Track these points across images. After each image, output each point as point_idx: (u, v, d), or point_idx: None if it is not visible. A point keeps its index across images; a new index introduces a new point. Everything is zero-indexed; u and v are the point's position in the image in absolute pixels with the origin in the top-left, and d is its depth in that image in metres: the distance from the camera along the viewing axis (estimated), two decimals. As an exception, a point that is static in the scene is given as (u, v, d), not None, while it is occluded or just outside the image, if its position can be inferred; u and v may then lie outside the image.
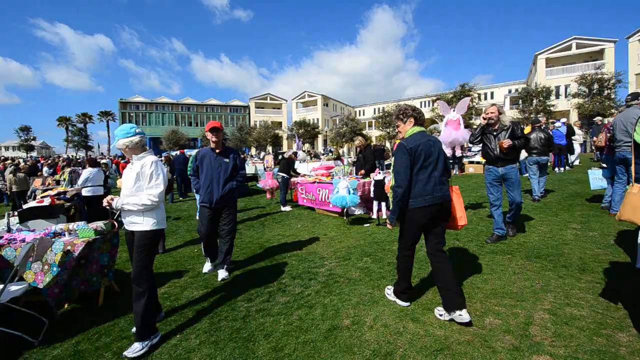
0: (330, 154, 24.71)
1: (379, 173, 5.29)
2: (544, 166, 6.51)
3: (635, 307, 2.40)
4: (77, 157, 35.83)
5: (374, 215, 5.43)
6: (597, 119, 11.98)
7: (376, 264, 3.66)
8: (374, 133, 43.57)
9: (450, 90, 34.49)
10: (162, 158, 11.55)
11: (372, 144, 20.74)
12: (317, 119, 48.16)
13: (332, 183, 6.25)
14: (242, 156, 22.22)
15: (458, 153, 5.41)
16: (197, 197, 5.62)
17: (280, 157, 16.12)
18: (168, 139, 40.89)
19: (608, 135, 5.01)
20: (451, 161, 12.52)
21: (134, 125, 2.50)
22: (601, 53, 31.81)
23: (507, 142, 3.84)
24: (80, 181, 6.12)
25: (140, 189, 2.39)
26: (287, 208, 7.37)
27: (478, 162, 12.70)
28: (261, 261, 4.07)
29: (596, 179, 5.70)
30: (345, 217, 5.87)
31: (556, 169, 10.32)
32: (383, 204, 5.31)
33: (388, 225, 2.67)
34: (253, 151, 39.00)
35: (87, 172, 6.09)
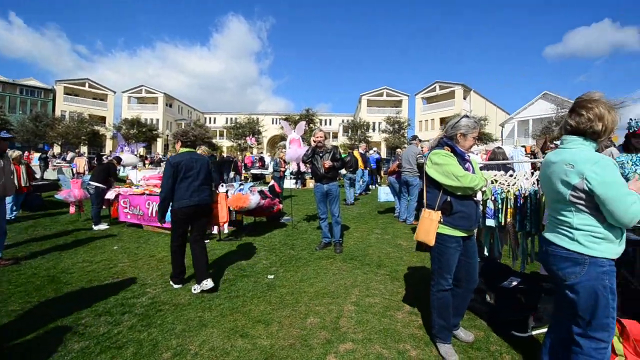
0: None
1: (222, 186, 5.08)
2: (355, 180, 9.31)
3: (408, 289, 3.26)
4: None
5: (215, 231, 5.15)
6: (398, 150, 16.22)
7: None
8: (224, 143, 42.18)
9: (297, 112, 38.34)
10: None
11: (220, 154, 19.95)
12: (157, 120, 42.23)
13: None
14: (43, 156, 16.43)
15: (302, 169, 5.93)
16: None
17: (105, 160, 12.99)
18: None
19: (398, 163, 6.79)
20: (294, 177, 13.71)
21: None
22: (400, 102, 43.66)
23: (327, 163, 4.43)
24: None
25: None
26: (102, 226, 5.92)
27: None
28: (48, 299, 3.04)
29: (383, 193, 7.84)
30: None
31: (370, 186, 13.10)
32: (224, 217, 5.12)
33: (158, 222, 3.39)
34: (56, 150, 29.70)
35: None
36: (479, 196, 2.25)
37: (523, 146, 15.98)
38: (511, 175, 3.12)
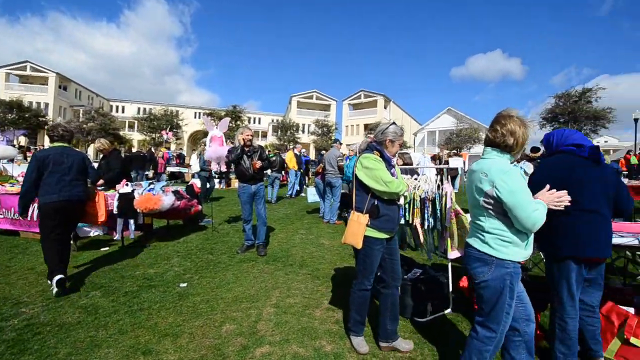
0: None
1: (127, 185, 4.47)
2: (279, 180, 9.76)
3: (328, 286, 3.38)
4: None
5: (118, 236, 4.49)
6: (323, 152, 16.77)
7: (108, 297, 2.99)
8: (135, 136, 37.38)
9: (223, 107, 36.45)
10: None
11: (129, 148, 17.72)
12: (46, 105, 35.17)
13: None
14: None
15: (224, 168, 5.56)
16: None
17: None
18: None
19: (322, 165, 7.03)
20: (219, 177, 12.98)
21: None
22: (329, 106, 45.28)
23: (258, 163, 4.29)
24: None
25: None
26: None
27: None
28: None
29: (311, 194, 8.06)
30: (72, 242, 4.46)
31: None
32: (131, 221, 4.50)
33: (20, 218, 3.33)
34: None
35: None
36: (402, 200, 2.41)
37: (436, 154, 18.11)
38: (416, 179, 3.51)
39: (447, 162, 10.65)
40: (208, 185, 8.79)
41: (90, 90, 43.79)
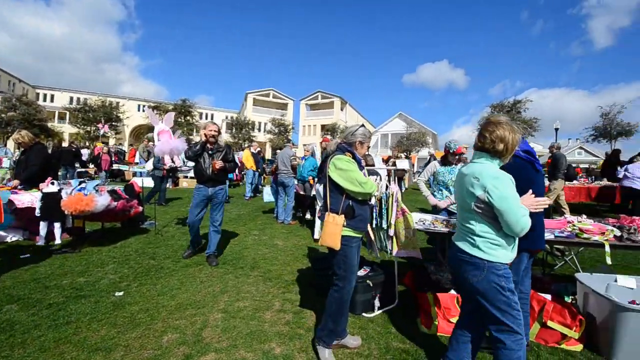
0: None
1: (52, 183, 3.95)
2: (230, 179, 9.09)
3: (279, 287, 3.34)
4: None
5: (41, 242, 3.94)
6: (278, 151, 16.62)
7: (27, 311, 2.62)
8: (66, 129, 33.35)
9: (172, 101, 34.17)
10: None
11: (59, 142, 15.80)
12: (-46, 90, 29.88)
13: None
14: None
15: (178, 162, 5.03)
16: None
17: None
18: None
19: (275, 165, 6.94)
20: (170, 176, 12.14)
21: None
22: (286, 105, 44.87)
23: (219, 164, 3.88)
24: None
25: None
26: None
27: (192, 177, 13.22)
28: None
29: (267, 194, 8.03)
30: (-19, 248, 3.84)
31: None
32: (57, 224, 3.98)
33: None
34: None
35: None
36: (373, 200, 2.48)
37: (390, 156, 18.92)
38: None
39: (394, 164, 11.22)
40: (161, 186, 8.10)
41: (11, 75, 37.93)
